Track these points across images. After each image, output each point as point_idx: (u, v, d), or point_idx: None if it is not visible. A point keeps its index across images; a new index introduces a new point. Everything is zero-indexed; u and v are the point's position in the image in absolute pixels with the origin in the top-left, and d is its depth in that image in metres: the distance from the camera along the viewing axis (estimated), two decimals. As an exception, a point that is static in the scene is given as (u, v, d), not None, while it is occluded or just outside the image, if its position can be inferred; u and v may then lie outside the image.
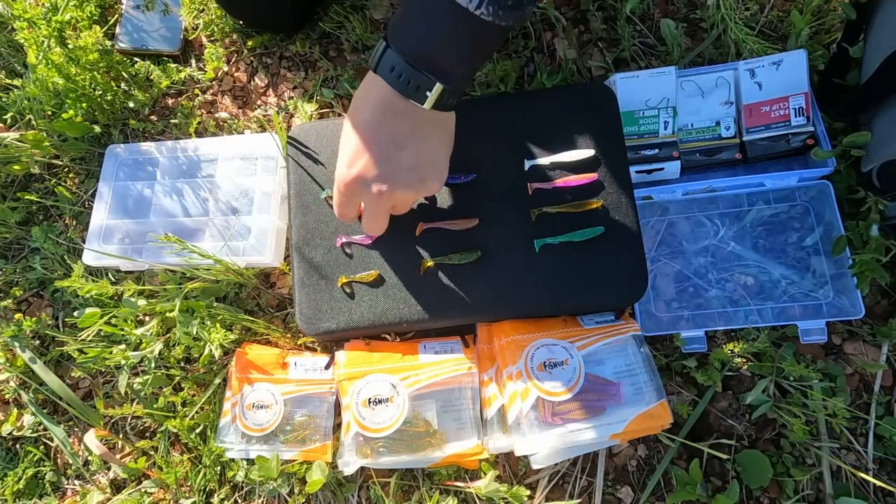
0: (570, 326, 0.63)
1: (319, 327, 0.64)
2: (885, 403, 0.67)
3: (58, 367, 0.81)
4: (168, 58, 0.90)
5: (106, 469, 0.76)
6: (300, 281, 0.65)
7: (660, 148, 0.72)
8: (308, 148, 0.69)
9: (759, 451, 0.65)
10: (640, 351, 0.62)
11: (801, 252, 0.70)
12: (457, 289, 0.63)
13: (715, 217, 0.73)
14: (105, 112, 0.87)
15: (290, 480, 0.70)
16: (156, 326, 0.72)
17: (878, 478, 0.65)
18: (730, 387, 0.69)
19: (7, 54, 0.93)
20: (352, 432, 0.62)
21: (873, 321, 0.70)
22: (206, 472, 0.71)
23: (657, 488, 0.67)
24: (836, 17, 0.76)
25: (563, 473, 0.69)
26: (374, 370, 0.64)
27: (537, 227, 0.63)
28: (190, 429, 0.71)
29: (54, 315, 0.83)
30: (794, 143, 0.70)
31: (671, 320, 0.70)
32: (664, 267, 0.72)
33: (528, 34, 0.83)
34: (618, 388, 0.60)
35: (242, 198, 0.78)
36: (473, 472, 0.68)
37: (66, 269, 0.83)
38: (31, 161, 0.87)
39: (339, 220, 0.60)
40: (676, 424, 0.67)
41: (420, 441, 0.62)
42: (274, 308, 0.78)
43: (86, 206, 0.86)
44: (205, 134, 0.86)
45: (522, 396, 0.59)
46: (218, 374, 0.74)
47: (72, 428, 0.79)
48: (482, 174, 0.65)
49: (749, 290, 0.69)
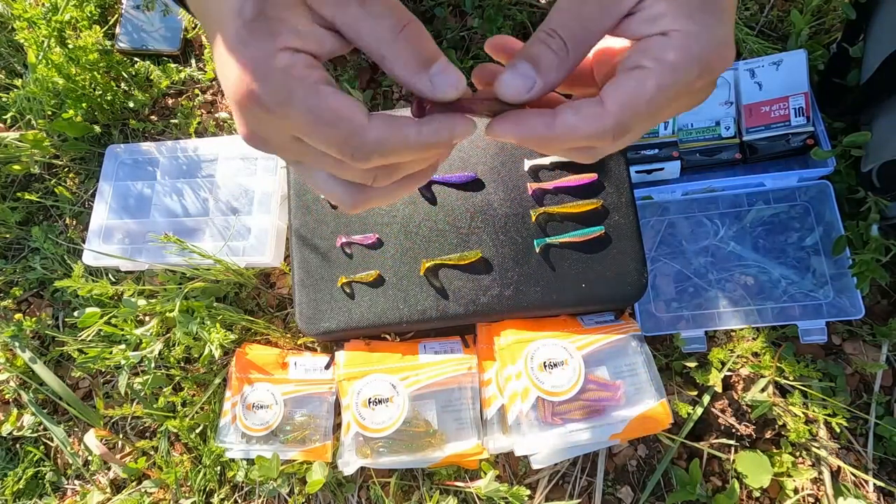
0: (570, 326, 0.63)
1: (319, 327, 0.64)
2: (885, 403, 0.67)
3: (58, 367, 0.81)
4: (168, 58, 0.90)
5: (106, 469, 0.76)
6: (300, 281, 0.65)
7: (660, 148, 0.72)
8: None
9: (759, 451, 0.65)
10: (640, 351, 0.62)
11: (801, 252, 0.70)
12: (457, 289, 0.63)
13: (715, 217, 0.73)
14: (105, 112, 0.87)
15: (290, 480, 0.70)
16: (156, 326, 0.72)
17: (878, 478, 0.65)
18: (730, 387, 0.69)
19: (7, 54, 0.93)
20: (352, 432, 0.62)
21: (873, 321, 0.70)
22: (206, 472, 0.71)
23: (657, 488, 0.67)
24: (836, 17, 0.76)
25: (563, 473, 0.69)
26: (374, 370, 0.64)
27: (537, 227, 0.63)
28: (190, 429, 0.71)
29: (54, 315, 0.83)
30: (794, 143, 0.70)
31: (671, 320, 0.70)
32: (664, 267, 0.72)
33: (528, 34, 0.83)
34: (618, 388, 0.60)
35: (242, 198, 0.78)
36: (473, 472, 0.68)
37: (66, 269, 0.83)
38: (31, 161, 0.87)
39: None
40: (676, 424, 0.67)
41: (420, 441, 0.62)
42: (274, 308, 0.78)
43: (86, 206, 0.86)
44: (205, 134, 0.86)
45: (522, 396, 0.59)
46: (218, 374, 0.74)
47: (72, 428, 0.79)
48: (482, 174, 0.65)
49: (749, 290, 0.69)
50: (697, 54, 0.28)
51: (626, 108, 0.28)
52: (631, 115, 0.28)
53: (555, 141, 0.29)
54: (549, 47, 0.29)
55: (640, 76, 0.28)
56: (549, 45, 0.29)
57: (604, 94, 0.29)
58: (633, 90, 0.28)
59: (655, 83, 0.28)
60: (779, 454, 0.65)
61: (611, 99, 0.28)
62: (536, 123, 0.29)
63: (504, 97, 0.30)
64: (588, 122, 0.28)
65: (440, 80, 0.28)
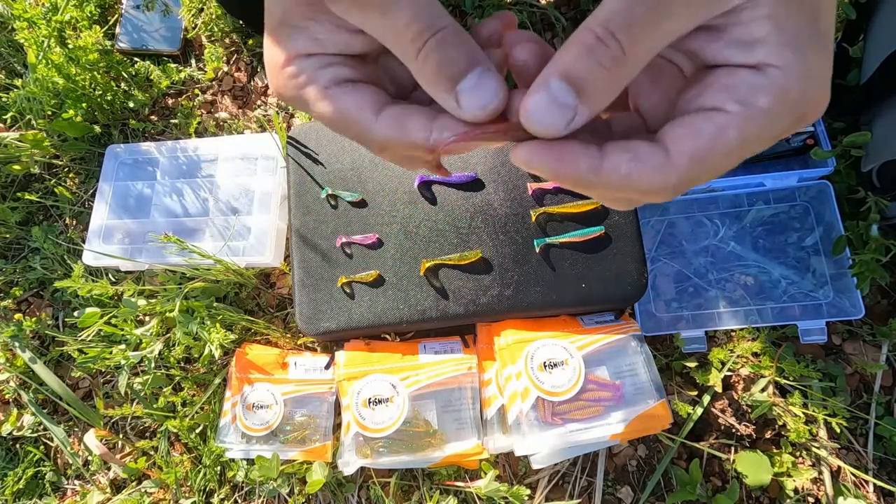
0: (570, 326, 0.63)
1: (319, 327, 0.64)
2: (885, 403, 0.67)
3: (58, 367, 0.81)
4: (168, 58, 0.90)
5: (106, 469, 0.76)
6: (300, 281, 0.65)
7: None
8: (308, 148, 0.69)
9: (759, 451, 0.65)
10: (640, 351, 0.62)
11: (801, 252, 0.70)
12: (457, 289, 0.63)
13: (715, 217, 0.73)
14: (105, 112, 0.87)
15: (290, 480, 0.70)
16: (156, 326, 0.72)
17: (878, 478, 0.65)
18: (730, 387, 0.69)
19: (7, 54, 0.93)
20: (352, 432, 0.62)
21: (873, 321, 0.70)
22: (206, 472, 0.71)
23: (657, 488, 0.67)
24: (835, 17, 0.76)
25: (563, 473, 0.69)
26: (374, 370, 0.64)
27: (537, 226, 0.63)
28: (190, 429, 0.71)
29: (54, 315, 0.83)
30: (794, 143, 0.70)
31: (671, 320, 0.70)
32: (664, 267, 0.72)
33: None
34: (618, 388, 0.60)
35: (242, 198, 0.78)
36: (473, 472, 0.68)
37: (66, 269, 0.83)
38: (31, 161, 0.87)
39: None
40: (676, 424, 0.67)
41: (420, 441, 0.62)
42: (274, 308, 0.78)
43: (86, 206, 0.86)
44: (205, 134, 0.86)
45: (522, 396, 0.59)
46: (218, 374, 0.74)
47: (72, 428, 0.79)
48: (482, 174, 0.65)
49: (749, 290, 0.69)
50: (795, 101, 0.21)
51: (697, 161, 0.22)
52: (702, 171, 0.22)
53: (598, 187, 0.23)
54: (599, 60, 0.21)
55: (721, 123, 0.22)
56: (599, 57, 0.21)
57: (668, 138, 0.22)
58: (710, 141, 0.22)
59: (739, 135, 0.21)
60: (779, 454, 0.65)
61: (679, 148, 0.22)
62: (579, 162, 0.22)
63: (531, 130, 0.22)
64: (647, 175, 0.22)
65: (468, 98, 0.23)
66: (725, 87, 0.22)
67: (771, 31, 0.21)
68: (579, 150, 0.22)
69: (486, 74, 0.23)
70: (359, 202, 0.67)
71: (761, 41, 0.21)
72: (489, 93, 0.23)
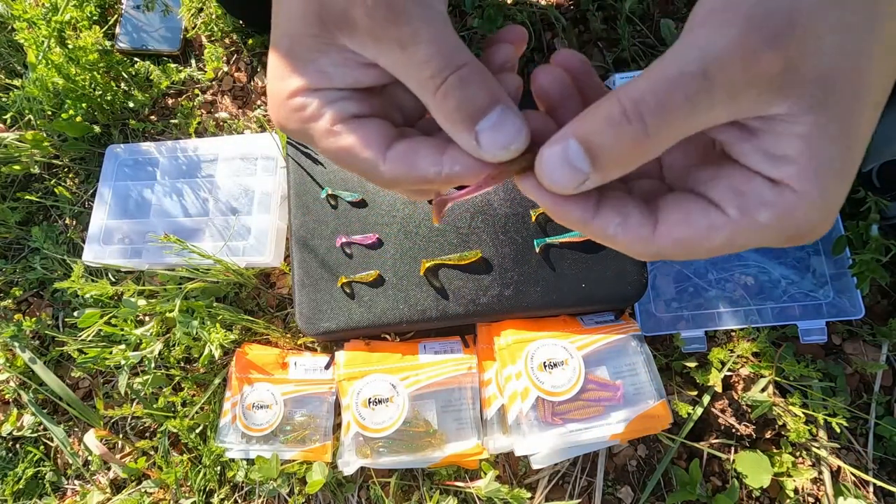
0: (570, 326, 0.63)
1: (319, 327, 0.64)
2: (885, 403, 0.67)
3: (58, 367, 0.81)
4: (168, 58, 0.90)
5: (106, 469, 0.76)
6: (300, 281, 0.65)
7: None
8: (308, 148, 0.69)
9: (759, 451, 0.65)
10: (640, 351, 0.62)
11: (801, 252, 0.70)
12: (457, 289, 0.63)
13: (715, 217, 0.73)
14: (105, 112, 0.87)
15: (290, 480, 0.70)
16: (156, 326, 0.72)
17: (878, 478, 0.65)
18: (730, 387, 0.69)
19: (7, 54, 0.93)
20: (352, 432, 0.62)
21: (873, 321, 0.70)
22: (206, 472, 0.71)
23: (657, 488, 0.67)
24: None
25: (563, 473, 0.69)
26: (374, 370, 0.64)
27: (537, 226, 0.63)
28: (190, 429, 0.71)
29: (54, 315, 0.83)
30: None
31: (671, 320, 0.70)
32: (664, 267, 0.72)
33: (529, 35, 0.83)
34: (618, 388, 0.60)
35: (242, 198, 0.78)
36: (473, 472, 0.68)
37: (66, 269, 0.83)
38: (31, 161, 0.87)
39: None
40: (676, 424, 0.67)
41: (420, 441, 0.62)
42: (274, 308, 0.78)
43: (86, 206, 0.86)
44: (205, 134, 0.86)
45: (522, 396, 0.59)
46: (218, 374, 0.74)
47: (72, 428, 0.79)
48: (482, 174, 0.65)
49: (749, 290, 0.69)
50: (795, 225, 0.21)
51: (679, 246, 0.23)
52: (681, 253, 0.23)
53: (587, 232, 0.25)
54: (620, 136, 0.20)
55: (715, 224, 0.22)
56: (621, 133, 0.20)
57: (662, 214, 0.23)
58: (697, 235, 0.22)
59: (727, 240, 0.22)
60: (779, 454, 0.65)
61: (667, 229, 0.23)
62: (572, 211, 0.24)
63: (542, 181, 0.23)
64: (630, 242, 0.23)
65: (488, 138, 0.23)
66: (735, 190, 0.22)
67: (802, 153, 0.20)
68: (576, 201, 0.23)
69: (507, 113, 0.23)
70: (359, 202, 0.67)
71: (789, 160, 0.20)
72: (510, 133, 0.23)
